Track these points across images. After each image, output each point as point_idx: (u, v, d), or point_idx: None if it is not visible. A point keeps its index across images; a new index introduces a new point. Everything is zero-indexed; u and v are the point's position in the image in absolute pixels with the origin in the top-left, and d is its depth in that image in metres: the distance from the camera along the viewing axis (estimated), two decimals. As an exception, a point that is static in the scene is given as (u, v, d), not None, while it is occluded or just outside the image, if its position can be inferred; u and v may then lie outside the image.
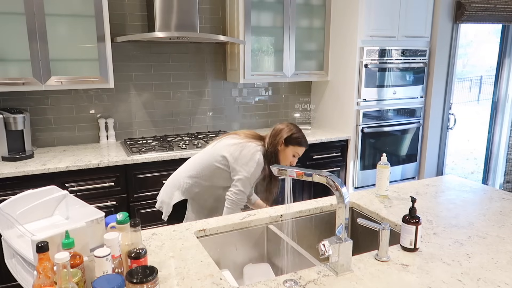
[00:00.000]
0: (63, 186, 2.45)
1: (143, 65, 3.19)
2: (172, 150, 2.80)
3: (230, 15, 3.30)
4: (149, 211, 2.76)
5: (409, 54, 3.49)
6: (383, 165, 1.91)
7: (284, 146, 2.04)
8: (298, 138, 2.05)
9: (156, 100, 3.29)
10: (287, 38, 3.35)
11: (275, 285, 1.21)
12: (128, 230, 1.16)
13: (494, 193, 2.01)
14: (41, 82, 2.59)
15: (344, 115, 3.49)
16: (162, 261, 1.35)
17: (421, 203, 1.86)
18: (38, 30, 2.53)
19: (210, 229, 1.60)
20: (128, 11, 3.06)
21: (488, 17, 3.78)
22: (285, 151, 2.04)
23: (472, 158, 6.68)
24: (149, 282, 0.98)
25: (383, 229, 1.32)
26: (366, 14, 3.23)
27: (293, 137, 2.04)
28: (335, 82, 3.58)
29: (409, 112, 3.65)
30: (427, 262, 1.33)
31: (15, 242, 1.20)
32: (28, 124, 2.72)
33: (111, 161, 2.58)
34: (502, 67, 4.28)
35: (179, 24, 2.90)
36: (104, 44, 2.72)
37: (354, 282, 1.21)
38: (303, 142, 2.06)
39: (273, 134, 2.06)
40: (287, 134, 2.03)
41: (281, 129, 2.06)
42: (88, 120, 3.09)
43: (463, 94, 10.33)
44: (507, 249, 1.43)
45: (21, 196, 1.36)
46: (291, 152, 2.04)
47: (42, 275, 0.98)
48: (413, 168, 3.79)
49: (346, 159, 3.49)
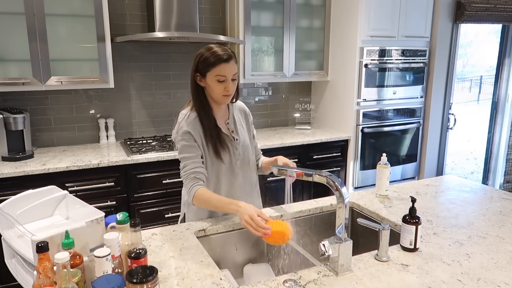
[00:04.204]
0: (63, 186, 2.45)
1: (143, 65, 3.19)
2: (172, 150, 2.80)
3: (230, 15, 3.30)
4: (149, 211, 2.76)
5: (409, 54, 3.49)
6: (383, 165, 1.91)
7: (202, 79, 1.60)
8: (207, 58, 1.55)
9: (156, 100, 3.29)
10: (287, 38, 3.35)
11: (275, 285, 1.21)
12: (128, 230, 1.16)
13: (494, 193, 2.01)
14: (41, 82, 2.59)
15: (344, 115, 3.49)
16: (162, 261, 1.35)
17: (421, 203, 1.86)
18: (38, 30, 2.53)
19: (210, 229, 1.60)
20: (128, 11, 3.06)
21: (488, 17, 3.78)
22: (208, 84, 1.60)
23: (472, 158, 6.69)
24: (149, 282, 0.98)
25: (383, 229, 1.32)
26: (366, 14, 3.23)
27: (200, 62, 1.58)
28: (335, 82, 3.58)
29: (409, 112, 3.65)
30: (427, 262, 1.33)
31: (15, 242, 1.20)
32: (28, 124, 2.72)
33: (111, 161, 2.58)
34: (502, 67, 4.28)
35: (179, 24, 2.90)
36: (104, 44, 2.72)
37: (354, 282, 1.21)
38: (216, 56, 1.54)
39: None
40: (194, 67, 1.61)
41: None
42: (88, 120, 3.10)
43: (463, 94, 10.34)
44: (507, 249, 1.42)
45: (21, 196, 1.36)
46: (213, 80, 1.57)
47: (42, 275, 0.98)
48: (413, 168, 3.79)
49: (346, 159, 3.49)
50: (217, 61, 1.55)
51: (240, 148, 1.73)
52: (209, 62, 1.55)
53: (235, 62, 1.60)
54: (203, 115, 1.63)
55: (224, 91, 1.59)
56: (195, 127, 1.62)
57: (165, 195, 2.78)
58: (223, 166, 1.68)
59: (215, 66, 1.55)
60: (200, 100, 1.64)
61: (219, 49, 1.57)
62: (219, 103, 1.66)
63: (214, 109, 1.68)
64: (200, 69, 1.59)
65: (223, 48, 1.58)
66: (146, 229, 1.59)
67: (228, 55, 1.56)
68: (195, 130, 1.62)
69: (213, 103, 1.67)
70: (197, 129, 1.63)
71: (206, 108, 1.64)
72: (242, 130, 1.77)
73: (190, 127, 1.61)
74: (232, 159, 1.71)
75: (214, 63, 1.55)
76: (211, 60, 1.55)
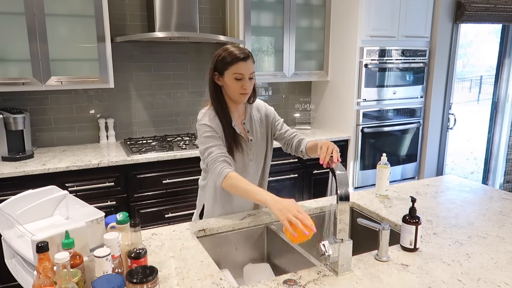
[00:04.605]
0: (63, 186, 2.45)
1: (143, 65, 3.19)
2: (172, 150, 2.80)
3: (230, 15, 3.30)
4: (149, 211, 2.76)
5: (409, 54, 3.49)
6: (383, 165, 1.91)
7: (220, 78, 1.64)
8: (225, 57, 1.60)
9: (156, 100, 3.29)
10: (287, 38, 3.35)
11: (275, 285, 1.21)
12: (128, 230, 1.16)
13: (494, 193, 2.01)
14: (41, 82, 2.59)
15: (344, 115, 3.49)
16: (162, 261, 1.35)
17: (421, 203, 1.86)
18: (38, 30, 2.53)
19: (210, 229, 1.60)
20: (128, 11, 3.06)
21: (488, 17, 3.78)
22: (225, 83, 1.63)
23: (472, 158, 6.69)
24: (149, 282, 0.98)
25: (383, 229, 1.32)
26: (366, 14, 3.23)
27: (219, 61, 1.62)
28: (335, 82, 3.58)
29: (409, 112, 3.65)
30: (427, 262, 1.33)
31: (15, 242, 1.20)
32: (28, 124, 2.72)
33: (111, 161, 2.58)
34: (502, 67, 4.28)
35: (179, 24, 2.90)
36: (104, 44, 2.72)
37: (354, 282, 1.21)
38: (233, 55, 1.59)
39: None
40: (213, 65, 1.65)
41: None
42: (88, 120, 3.10)
43: (463, 94, 10.34)
44: (507, 249, 1.42)
45: (21, 196, 1.36)
46: (231, 78, 1.61)
47: (42, 275, 0.98)
48: (413, 168, 3.79)
49: (346, 159, 3.49)
50: (235, 59, 1.59)
51: (254, 149, 1.75)
52: (227, 60, 1.59)
53: (252, 62, 1.64)
54: (220, 113, 1.67)
55: (242, 89, 1.62)
56: (215, 122, 1.65)
57: (165, 195, 2.78)
58: (235, 164, 1.70)
59: (233, 64, 1.59)
60: (218, 99, 1.68)
61: (237, 48, 1.62)
62: (236, 101, 1.68)
63: (231, 108, 1.71)
64: (219, 67, 1.62)
65: (241, 48, 1.63)
66: (146, 229, 1.59)
67: (245, 54, 1.61)
68: (214, 124, 1.65)
69: (230, 102, 1.70)
70: (216, 124, 1.65)
71: (224, 107, 1.67)
72: (258, 131, 1.78)
73: (210, 121, 1.64)
74: (245, 159, 1.74)
75: (232, 61, 1.59)
76: (229, 59, 1.59)
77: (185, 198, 2.83)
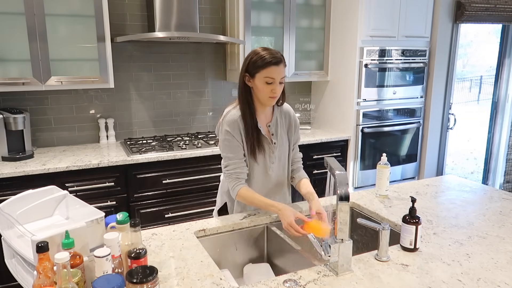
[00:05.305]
0: (63, 186, 2.45)
1: (143, 65, 3.19)
2: (172, 150, 2.80)
3: (230, 15, 3.30)
4: (149, 211, 2.76)
5: (409, 54, 3.49)
6: (383, 165, 1.91)
7: (250, 79, 1.65)
8: (257, 60, 1.61)
9: (156, 100, 3.29)
10: (287, 38, 3.35)
11: (275, 285, 1.21)
12: (128, 230, 1.16)
13: (494, 193, 2.01)
14: (41, 82, 2.59)
15: (344, 115, 3.49)
16: (162, 261, 1.35)
17: (421, 203, 1.86)
18: (38, 30, 2.53)
19: (210, 229, 1.60)
20: (128, 11, 3.06)
21: (488, 17, 3.78)
22: (256, 85, 1.64)
23: (472, 158, 6.69)
24: (149, 282, 0.98)
25: (383, 229, 1.32)
26: (366, 14, 3.23)
27: (251, 63, 1.63)
28: (335, 82, 3.58)
29: (409, 112, 3.65)
30: (427, 262, 1.33)
31: (15, 242, 1.20)
32: (28, 124, 2.72)
33: (111, 161, 2.58)
34: (502, 67, 4.28)
35: (179, 24, 2.90)
36: (104, 44, 2.72)
37: (354, 282, 1.21)
38: (266, 58, 1.59)
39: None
40: (244, 67, 1.66)
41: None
42: (88, 120, 3.10)
43: (463, 94, 10.34)
44: (507, 249, 1.43)
45: (21, 196, 1.36)
46: (262, 81, 1.62)
47: (42, 275, 0.98)
48: (413, 168, 3.79)
49: (346, 159, 3.49)
50: (267, 63, 1.60)
51: (277, 152, 1.77)
52: (259, 63, 1.61)
53: (284, 66, 1.65)
54: (247, 114, 1.68)
55: (271, 93, 1.63)
56: (234, 126, 1.67)
57: (165, 195, 2.78)
58: (256, 166, 1.74)
59: (265, 68, 1.60)
60: (246, 100, 1.68)
61: (269, 52, 1.62)
62: (264, 104, 1.70)
63: (258, 110, 1.72)
64: (250, 69, 1.64)
65: (273, 52, 1.63)
66: (146, 229, 1.59)
67: (278, 58, 1.61)
68: (234, 129, 1.67)
69: (258, 104, 1.71)
70: (236, 127, 1.67)
71: (251, 108, 1.69)
72: (283, 136, 1.80)
73: (229, 127, 1.67)
74: (267, 161, 1.76)
75: (264, 65, 1.60)
76: (261, 62, 1.60)
77: (185, 198, 2.83)
